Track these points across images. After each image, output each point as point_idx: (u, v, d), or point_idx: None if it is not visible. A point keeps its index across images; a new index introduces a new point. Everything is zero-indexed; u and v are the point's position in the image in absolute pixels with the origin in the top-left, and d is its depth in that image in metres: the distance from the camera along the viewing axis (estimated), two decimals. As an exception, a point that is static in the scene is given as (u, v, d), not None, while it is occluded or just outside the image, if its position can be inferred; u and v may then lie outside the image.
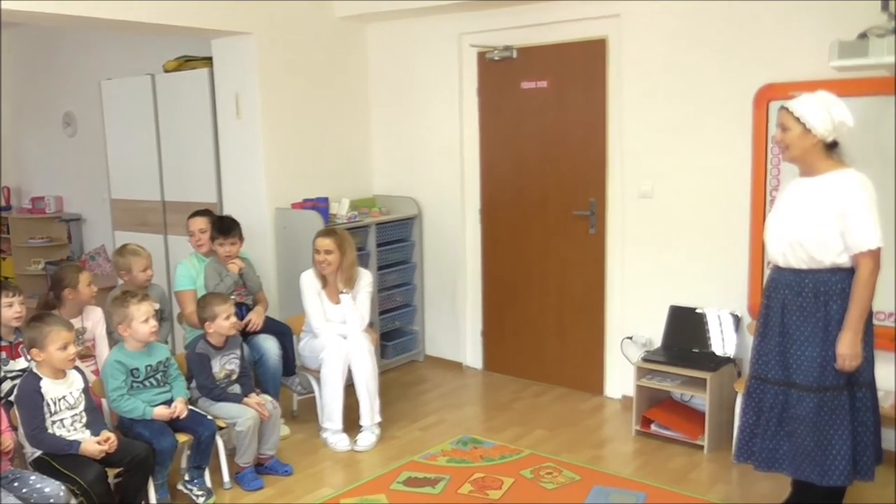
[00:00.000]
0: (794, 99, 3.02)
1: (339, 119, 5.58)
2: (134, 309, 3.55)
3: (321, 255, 4.36)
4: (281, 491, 3.81)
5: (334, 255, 4.35)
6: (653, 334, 4.63)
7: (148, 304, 3.61)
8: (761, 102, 4.07)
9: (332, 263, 4.35)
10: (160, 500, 3.54)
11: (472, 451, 4.20)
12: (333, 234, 4.44)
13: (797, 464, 3.06)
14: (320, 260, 4.36)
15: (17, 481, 3.05)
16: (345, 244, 4.41)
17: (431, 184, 5.57)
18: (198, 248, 4.53)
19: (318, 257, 4.37)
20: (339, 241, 4.38)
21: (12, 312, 3.63)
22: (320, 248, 4.37)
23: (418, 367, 5.70)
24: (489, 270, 5.45)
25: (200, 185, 5.48)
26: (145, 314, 3.57)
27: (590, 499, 3.64)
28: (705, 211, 4.39)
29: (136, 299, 3.59)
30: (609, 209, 4.81)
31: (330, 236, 4.40)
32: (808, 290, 3.01)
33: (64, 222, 7.72)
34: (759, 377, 3.18)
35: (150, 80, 5.71)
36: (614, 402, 4.88)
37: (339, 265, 4.38)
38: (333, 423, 4.28)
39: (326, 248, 4.35)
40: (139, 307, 3.56)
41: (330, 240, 4.37)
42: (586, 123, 4.83)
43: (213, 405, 3.84)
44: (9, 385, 3.52)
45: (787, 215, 3.06)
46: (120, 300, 3.62)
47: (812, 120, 2.94)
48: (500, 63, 5.12)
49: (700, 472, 3.92)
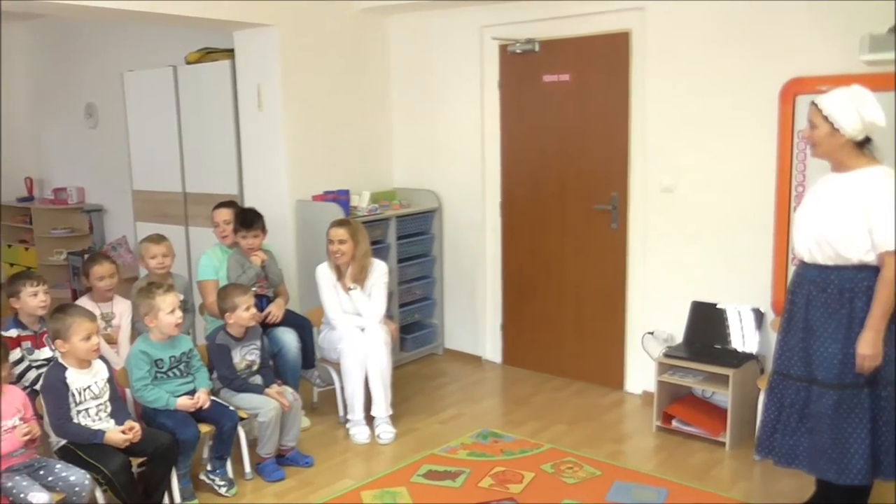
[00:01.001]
0: (824, 94, 2.96)
1: (360, 111, 5.57)
2: (160, 300, 3.57)
3: (335, 245, 4.36)
4: (302, 482, 3.82)
5: (348, 245, 4.35)
6: (674, 330, 4.60)
7: (173, 295, 3.63)
8: (788, 97, 4.02)
9: (346, 253, 4.36)
10: (183, 490, 3.57)
11: (493, 445, 4.19)
12: (346, 224, 4.45)
13: (815, 461, 3.04)
14: (334, 250, 4.37)
15: (42, 469, 3.08)
16: (358, 234, 4.41)
17: (452, 177, 5.56)
18: (222, 240, 4.55)
19: (332, 247, 4.37)
20: (353, 231, 4.39)
21: (37, 302, 3.67)
22: (334, 238, 4.37)
23: (437, 360, 5.70)
24: (509, 264, 5.43)
25: (222, 176, 5.50)
26: (171, 305, 3.59)
27: (611, 494, 3.63)
28: (729, 206, 4.35)
29: (162, 290, 3.61)
30: (631, 204, 4.78)
31: (343, 226, 4.40)
32: (833, 287, 2.97)
33: (86, 213, 7.78)
34: (781, 372, 3.16)
35: (172, 71, 5.73)
36: (634, 398, 4.86)
37: (353, 255, 4.39)
38: (355, 415, 4.30)
39: (340, 238, 4.35)
40: (165, 298, 3.58)
41: (343, 230, 4.37)
42: (609, 117, 4.80)
43: (235, 396, 3.85)
44: (34, 374, 3.56)
45: (815, 211, 3.02)
46: (146, 291, 3.64)
47: (840, 120, 2.87)
48: (522, 56, 5.09)
49: (722, 469, 3.90)
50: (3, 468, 3.01)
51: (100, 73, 7.26)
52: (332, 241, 4.38)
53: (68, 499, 3.04)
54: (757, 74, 4.14)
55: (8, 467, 3.02)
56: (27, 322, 3.68)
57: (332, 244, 4.38)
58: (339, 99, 5.40)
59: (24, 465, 3.07)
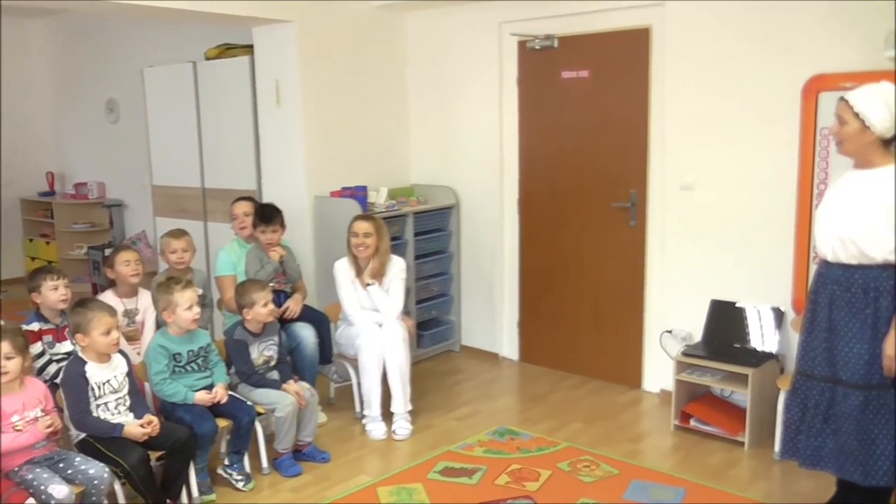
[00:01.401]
0: (854, 90, 2.91)
1: (377, 107, 5.58)
2: (178, 296, 3.59)
3: (359, 238, 4.35)
4: (318, 477, 3.83)
5: (373, 239, 4.35)
6: (693, 328, 4.57)
7: (191, 291, 3.64)
8: (810, 93, 3.97)
9: (371, 247, 4.35)
10: (200, 484, 3.59)
11: (509, 443, 4.19)
12: (371, 218, 4.45)
13: (841, 462, 3.00)
14: (358, 243, 4.36)
15: (62, 462, 3.11)
16: (381, 230, 4.42)
17: (469, 173, 5.55)
18: (240, 231, 4.57)
19: (356, 241, 4.36)
20: (377, 226, 4.40)
21: (58, 295, 3.70)
22: (359, 231, 4.36)
23: (454, 357, 5.69)
24: (526, 261, 5.41)
25: (240, 172, 5.52)
26: (189, 301, 3.60)
27: (628, 493, 3.61)
28: (749, 204, 4.30)
29: (180, 286, 3.63)
30: (650, 201, 4.75)
31: (368, 220, 4.41)
32: (857, 286, 2.93)
33: (106, 208, 7.85)
34: (804, 373, 3.11)
35: (191, 67, 5.77)
36: (652, 396, 4.83)
37: (377, 249, 4.38)
38: (372, 411, 4.30)
39: (365, 232, 4.35)
40: (183, 294, 3.60)
41: (369, 223, 4.37)
42: (628, 114, 4.77)
43: (253, 391, 3.87)
44: (55, 368, 3.59)
45: (838, 208, 2.97)
46: (164, 286, 3.67)
47: (872, 117, 2.83)
48: (540, 52, 5.07)
49: (740, 469, 3.86)
50: (25, 460, 3.04)
51: (120, 68, 7.32)
52: (357, 235, 4.36)
53: (88, 491, 3.07)
54: (778, 71, 4.09)
55: (29, 460, 3.05)
56: (48, 316, 3.71)
57: (357, 237, 4.36)
58: (356, 95, 5.41)
59: (44, 458, 3.09)
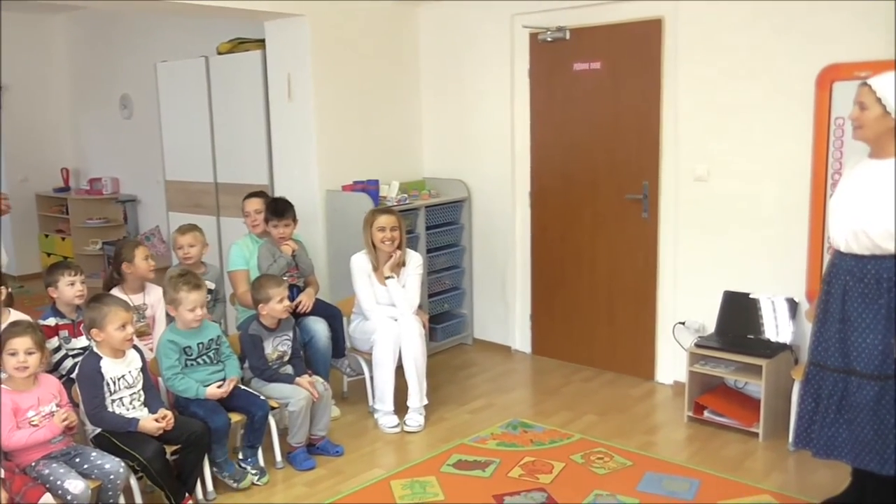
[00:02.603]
0: (877, 76, 2.89)
1: (389, 101, 5.57)
2: (183, 295, 3.60)
3: (386, 232, 4.32)
4: (332, 471, 3.85)
5: (398, 232, 4.35)
6: (706, 320, 4.55)
7: (198, 293, 3.64)
8: (824, 83, 3.94)
9: (397, 240, 4.35)
10: (229, 474, 3.64)
11: (522, 435, 4.19)
12: (392, 211, 4.44)
13: (856, 452, 3.00)
14: (385, 238, 4.33)
15: (78, 457, 3.14)
16: (402, 223, 4.43)
17: (481, 166, 5.54)
18: (253, 229, 4.58)
19: (383, 235, 4.33)
20: (400, 220, 4.40)
21: (74, 291, 3.72)
22: (385, 225, 4.33)
23: (467, 350, 5.70)
24: (539, 254, 5.40)
25: (252, 167, 5.54)
26: (193, 303, 3.60)
27: (642, 485, 3.61)
28: (762, 195, 4.28)
29: (189, 287, 3.62)
30: (662, 193, 4.73)
31: (392, 214, 4.40)
32: (870, 277, 2.92)
33: (120, 203, 7.91)
34: (818, 364, 3.11)
35: (203, 62, 5.78)
36: (665, 388, 4.82)
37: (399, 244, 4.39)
38: (385, 405, 4.31)
39: (392, 226, 4.34)
40: (189, 295, 3.60)
41: (393, 217, 4.37)
42: (640, 105, 4.74)
43: (266, 385, 3.89)
44: (70, 363, 3.62)
45: (852, 199, 2.96)
46: (174, 282, 3.66)
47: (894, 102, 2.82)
48: (552, 44, 5.05)
49: (755, 460, 3.85)
50: (41, 456, 3.07)
51: (134, 64, 7.36)
52: (384, 229, 4.32)
53: (104, 486, 3.10)
54: (792, 60, 4.06)
55: (45, 455, 3.08)
56: (64, 311, 3.74)
57: (384, 231, 4.32)
58: (368, 89, 5.41)
59: (61, 453, 3.13)
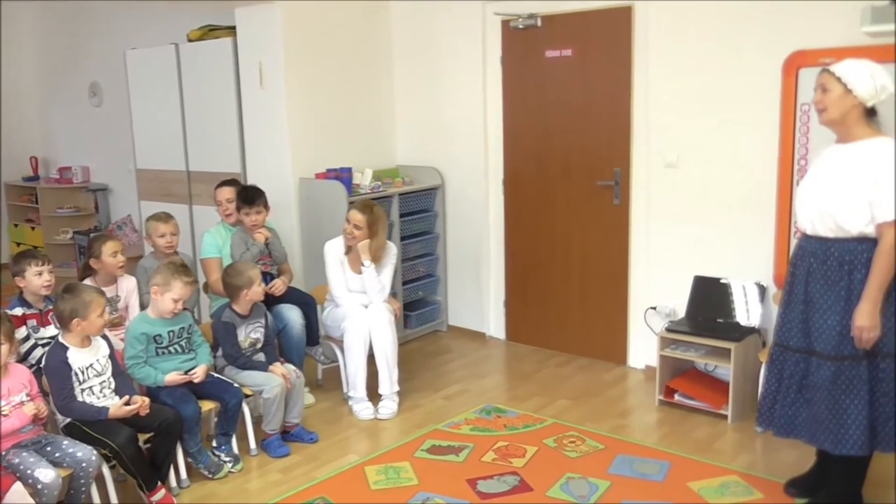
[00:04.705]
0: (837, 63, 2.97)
1: (362, 88, 5.55)
2: (177, 284, 3.58)
3: (349, 226, 4.33)
4: (307, 458, 3.86)
5: (361, 233, 4.30)
6: (677, 304, 4.61)
7: (191, 289, 3.64)
8: (790, 70, 3.99)
9: (357, 238, 4.34)
10: (205, 465, 3.63)
11: (496, 420, 4.22)
12: (368, 211, 4.32)
13: (813, 431, 3.07)
14: (347, 231, 4.34)
15: (49, 446, 3.12)
16: (377, 224, 4.33)
17: (454, 154, 5.55)
18: (225, 218, 4.56)
19: (347, 228, 4.34)
20: (372, 221, 4.29)
21: (41, 281, 3.69)
22: (351, 220, 4.32)
23: (441, 336, 5.72)
24: (512, 241, 5.43)
25: (225, 155, 5.49)
26: (180, 295, 3.59)
27: (614, 468, 3.66)
28: (732, 181, 4.33)
29: (187, 279, 3.61)
30: (634, 179, 4.77)
31: (364, 213, 4.30)
32: (833, 259, 2.98)
33: (91, 192, 7.80)
34: (781, 344, 3.18)
35: (174, 49, 5.72)
36: (637, 373, 4.88)
37: (369, 243, 4.33)
38: (357, 392, 4.32)
39: (356, 223, 4.30)
40: (182, 287, 3.58)
41: (362, 216, 4.29)
42: (611, 92, 4.77)
43: (240, 373, 3.88)
44: (40, 352, 3.58)
45: (819, 182, 3.02)
46: (172, 268, 3.64)
47: (854, 81, 2.89)
48: (524, 31, 5.06)
49: (724, 442, 3.92)
50: (12, 444, 3.05)
51: (104, 51, 7.25)
52: (348, 222, 4.33)
53: (76, 475, 3.09)
54: (760, 48, 4.11)
55: (16, 444, 3.06)
56: (32, 301, 3.70)
57: (348, 224, 4.33)
58: (341, 76, 5.38)
59: (31, 442, 3.10)
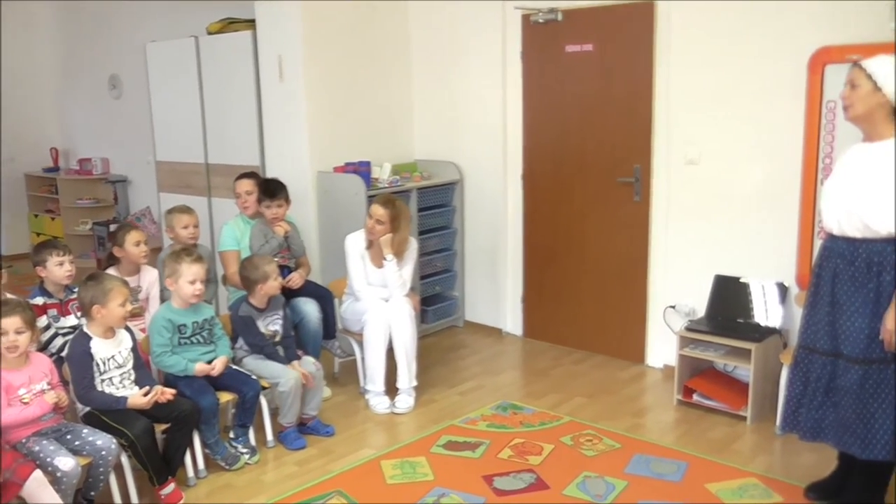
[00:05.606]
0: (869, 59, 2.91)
1: (381, 82, 5.54)
2: (185, 267, 3.61)
3: (372, 221, 4.31)
4: (323, 451, 3.87)
5: (383, 227, 4.29)
6: (696, 303, 4.57)
7: (199, 266, 3.65)
8: (816, 66, 3.94)
9: (380, 233, 4.32)
10: (222, 457, 3.65)
11: (512, 417, 4.21)
12: (391, 205, 4.30)
13: (840, 435, 3.02)
14: (370, 226, 4.33)
15: (70, 434, 3.14)
16: (400, 219, 4.32)
17: (473, 149, 5.53)
18: (244, 210, 4.57)
19: (369, 223, 4.33)
20: (394, 215, 4.29)
21: (63, 272, 3.72)
22: (373, 214, 4.31)
23: (458, 332, 5.71)
24: (530, 237, 5.41)
25: (243, 147, 5.51)
26: (193, 275, 3.61)
27: (630, 467, 3.63)
28: (754, 178, 4.29)
29: (191, 259, 3.64)
30: (654, 176, 4.73)
31: (386, 207, 4.29)
32: (860, 260, 2.93)
33: (110, 184, 7.86)
34: (807, 347, 3.13)
35: (193, 42, 5.73)
36: (655, 371, 4.85)
37: (391, 237, 4.33)
38: (375, 385, 4.32)
39: (378, 218, 4.29)
40: (190, 267, 3.61)
41: (385, 211, 4.28)
42: (632, 88, 4.73)
43: (257, 366, 3.89)
44: (61, 341, 3.61)
45: (845, 181, 2.97)
46: (175, 255, 3.68)
47: (884, 79, 2.84)
48: (544, 26, 5.03)
49: (742, 443, 3.88)
50: (32, 432, 3.07)
51: (124, 44, 7.29)
52: (371, 217, 4.32)
53: (95, 463, 3.11)
54: (784, 43, 4.06)
55: (36, 431, 3.08)
56: (52, 291, 3.73)
57: (370, 219, 4.32)
58: (360, 70, 5.37)
59: (51, 430, 3.12)
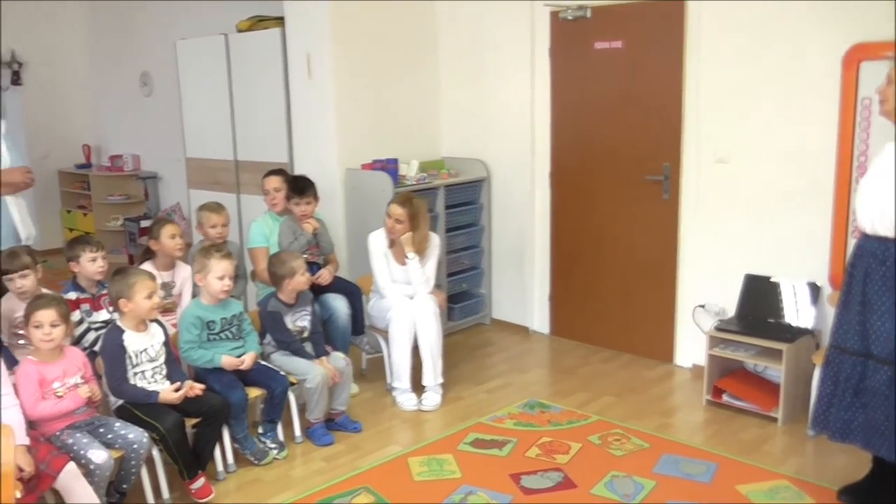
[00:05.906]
0: None
1: (408, 80, 5.55)
2: (214, 262, 3.64)
3: (391, 221, 4.34)
4: (350, 447, 3.88)
5: (403, 226, 4.31)
6: (726, 303, 4.52)
7: (228, 262, 3.68)
8: (851, 63, 3.88)
9: (399, 232, 4.33)
10: (251, 452, 3.68)
11: (540, 416, 4.20)
12: (409, 204, 4.32)
13: (869, 437, 2.99)
14: (389, 226, 4.35)
15: (102, 427, 3.18)
16: (418, 217, 4.33)
17: (501, 146, 5.51)
18: (272, 207, 4.60)
19: (388, 222, 4.36)
20: (413, 213, 4.30)
21: (95, 267, 3.77)
22: (391, 214, 4.33)
23: (484, 330, 5.70)
24: (558, 234, 5.38)
25: (272, 144, 5.54)
26: (222, 271, 3.64)
27: (659, 467, 3.61)
28: (786, 177, 4.23)
29: (220, 254, 3.67)
30: (683, 174, 4.68)
31: (404, 206, 4.31)
32: (892, 260, 2.90)
33: (141, 180, 7.95)
34: (838, 347, 3.10)
35: (223, 39, 5.78)
36: (684, 371, 4.80)
37: (412, 235, 4.33)
38: (401, 382, 4.33)
39: (397, 217, 4.31)
40: (219, 262, 3.64)
41: (403, 210, 4.30)
42: (662, 85, 4.69)
43: (285, 362, 3.91)
44: (93, 336, 3.66)
45: (880, 180, 2.93)
46: (205, 250, 3.72)
47: None
48: (573, 23, 5.00)
49: (773, 445, 3.84)
50: (66, 425, 3.11)
51: (154, 41, 7.37)
52: (389, 216, 4.34)
53: (127, 456, 3.14)
54: (818, 40, 4.00)
55: (70, 424, 3.12)
56: (85, 286, 3.78)
57: (389, 219, 4.35)
58: (388, 67, 5.38)
59: (85, 423, 3.17)
